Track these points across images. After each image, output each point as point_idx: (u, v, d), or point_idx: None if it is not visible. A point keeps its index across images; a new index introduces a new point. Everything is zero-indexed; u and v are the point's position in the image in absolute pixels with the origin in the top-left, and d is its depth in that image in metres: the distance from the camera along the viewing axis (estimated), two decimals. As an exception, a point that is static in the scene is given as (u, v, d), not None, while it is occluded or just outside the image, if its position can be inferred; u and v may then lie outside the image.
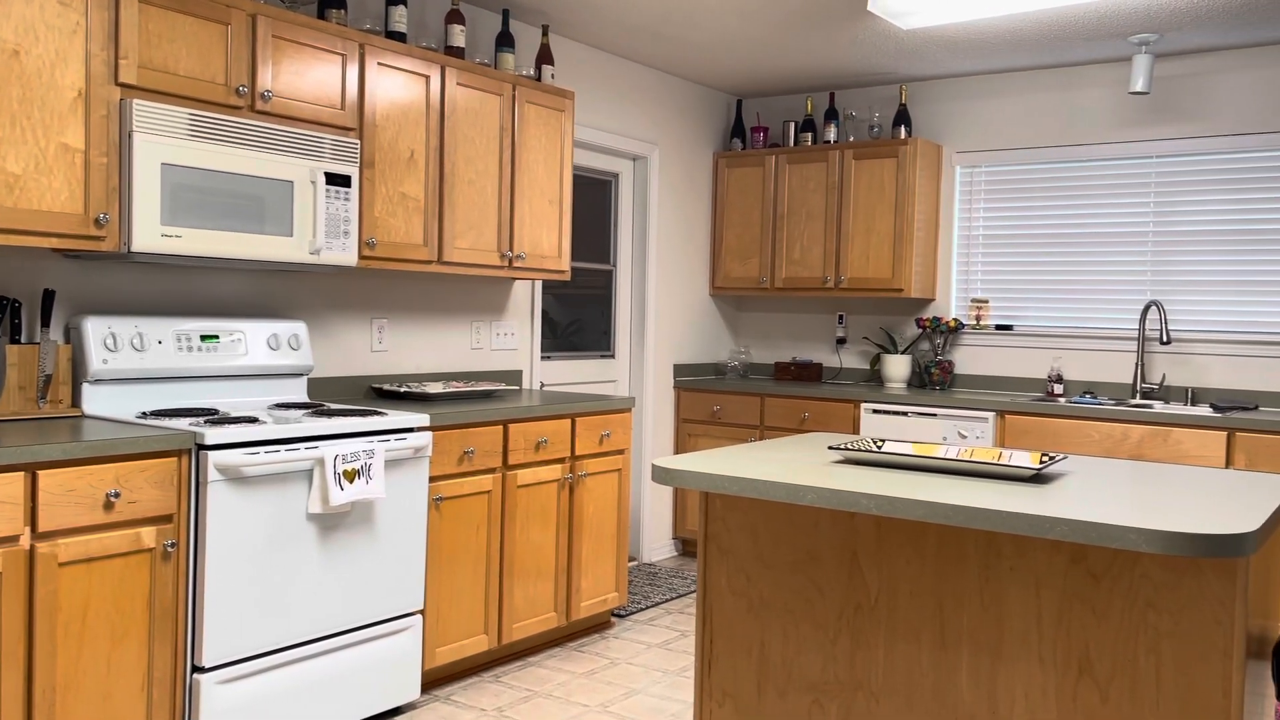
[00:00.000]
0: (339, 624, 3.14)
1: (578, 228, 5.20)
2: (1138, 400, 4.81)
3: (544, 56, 4.37)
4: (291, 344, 3.58)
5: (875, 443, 2.70)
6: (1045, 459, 2.45)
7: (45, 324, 3.01)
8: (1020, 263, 5.26)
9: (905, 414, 4.92)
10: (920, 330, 5.49)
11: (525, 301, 4.74)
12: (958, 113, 5.41)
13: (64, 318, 3.13)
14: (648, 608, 4.67)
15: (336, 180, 3.38)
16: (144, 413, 3.07)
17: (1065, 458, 2.62)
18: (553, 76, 4.42)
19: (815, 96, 5.86)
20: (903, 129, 5.34)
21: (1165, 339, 4.68)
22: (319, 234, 3.34)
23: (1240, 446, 4.18)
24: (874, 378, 5.65)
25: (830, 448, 2.59)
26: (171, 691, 2.77)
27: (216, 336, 3.37)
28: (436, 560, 3.50)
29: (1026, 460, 2.47)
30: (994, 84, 5.31)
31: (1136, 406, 4.57)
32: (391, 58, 3.63)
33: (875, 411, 4.99)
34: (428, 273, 3.94)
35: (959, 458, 2.41)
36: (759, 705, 2.54)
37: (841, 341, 5.76)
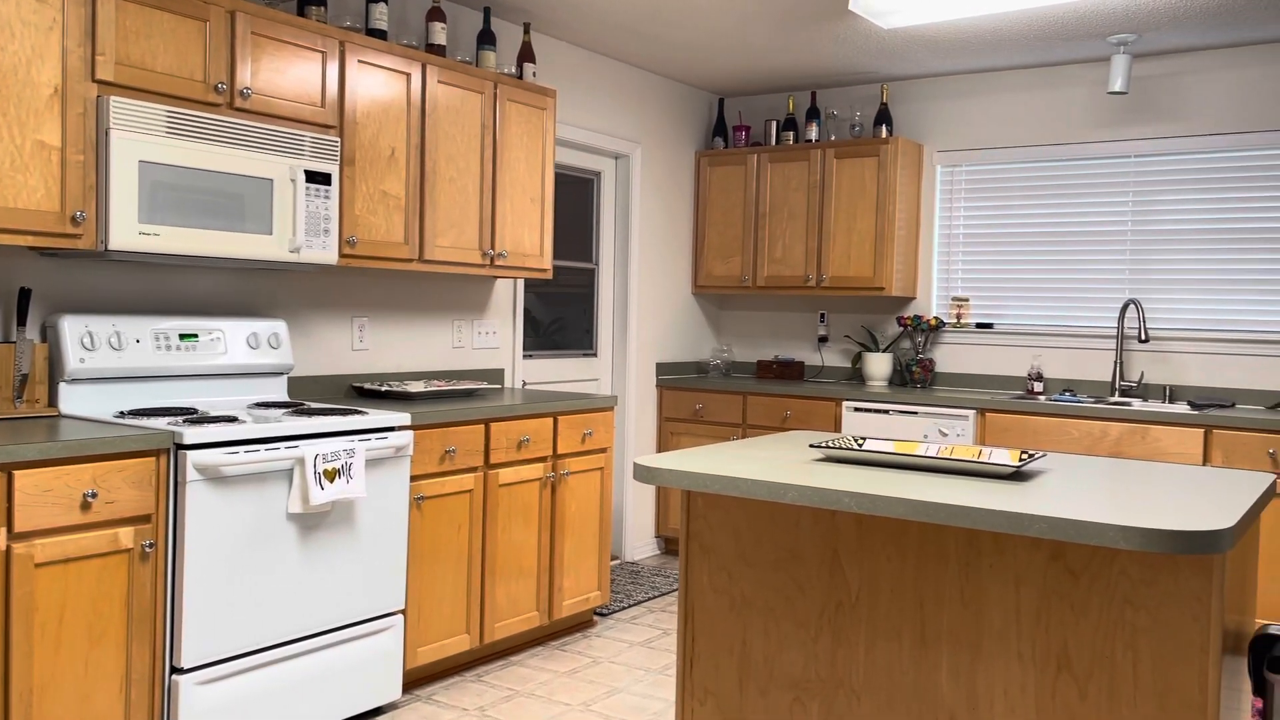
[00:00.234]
0: (319, 624, 3.13)
1: (560, 226, 5.19)
2: (1116, 398, 4.84)
3: (526, 54, 4.36)
4: (271, 343, 3.57)
5: (856, 441, 2.71)
6: (1025, 456, 2.47)
7: (21, 323, 2.98)
8: (1000, 262, 5.29)
9: (886, 412, 4.94)
10: (901, 329, 5.51)
11: (507, 300, 4.73)
12: (938, 112, 5.43)
13: (41, 316, 3.10)
14: (630, 606, 4.67)
15: (317, 178, 3.37)
16: (122, 412, 3.05)
17: (1044, 455, 2.64)
18: (534, 75, 4.41)
19: (797, 95, 5.87)
20: (884, 128, 5.36)
21: (1143, 337, 4.72)
22: (299, 232, 3.32)
23: (1217, 443, 4.22)
24: (855, 376, 5.67)
25: (812, 446, 2.60)
26: (150, 692, 2.75)
27: (195, 335, 3.35)
28: (418, 560, 3.49)
29: (1006, 458, 2.48)
30: (974, 84, 5.34)
31: (1115, 404, 4.60)
32: (372, 55, 3.61)
33: (857, 410, 5.01)
34: (409, 271, 3.92)
35: (939, 455, 2.42)
36: (740, 703, 2.54)
37: (823, 340, 5.78)
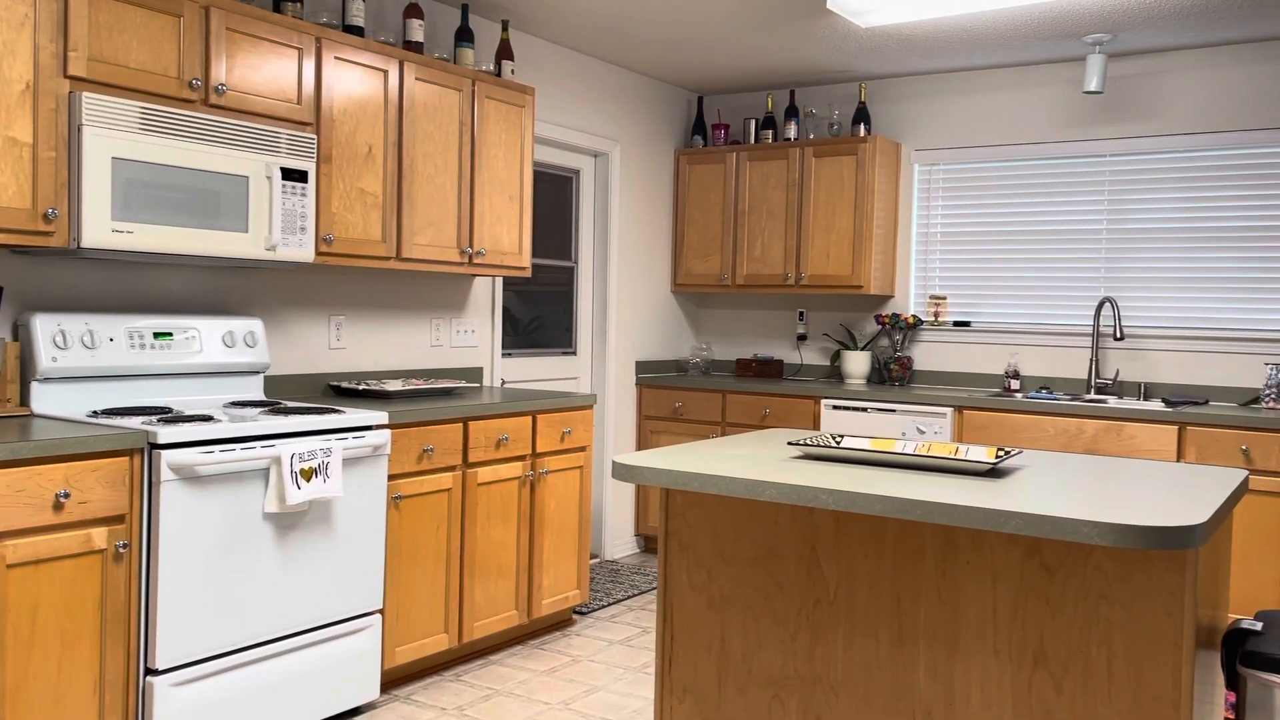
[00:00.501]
0: (296, 624, 3.11)
1: (539, 224, 5.18)
2: (1092, 395, 4.88)
3: (504, 52, 4.34)
4: (247, 341, 3.54)
5: (834, 438, 2.71)
6: (1001, 453, 2.48)
7: (-8, 321, 2.95)
8: (978, 260, 5.32)
9: (865, 410, 4.96)
10: (879, 327, 5.53)
11: (486, 298, 4.72)
12: (916, 111, 5.46)
13: (12, 315, 3.07)
14: (609, 605, 4.67)
15: (293, 175, 3.34)
16: (95, 411, 3.02)
17: (1021, 452, 2.65)
18: (513, 72, 4.40)
19: (776, 94, 5.88)
20: (862, 127, 5.37)
21: (1119, 335, 4.75)
22: (275, 230, 3.30)
23: (1191, 440, 4.26)
24: (834, 374, 5.68)
25: (790, 444, 2.60)
26: (125, 694, 2.73)
27: (170, 334, 3.32)
28: (396, 559, 3.47)
29: (983, 455, 2.50)
30: (951, 83, 5.36)
31: (1091, 401, 4.64)
32: (349, 52, 3.59)
33: (835, 407, 5.03)
34: (386, 269, 3.90)
35: (917, 453, 2.43)
36: (719, 700, 2.54)
37: (802, 338, 5.79)
